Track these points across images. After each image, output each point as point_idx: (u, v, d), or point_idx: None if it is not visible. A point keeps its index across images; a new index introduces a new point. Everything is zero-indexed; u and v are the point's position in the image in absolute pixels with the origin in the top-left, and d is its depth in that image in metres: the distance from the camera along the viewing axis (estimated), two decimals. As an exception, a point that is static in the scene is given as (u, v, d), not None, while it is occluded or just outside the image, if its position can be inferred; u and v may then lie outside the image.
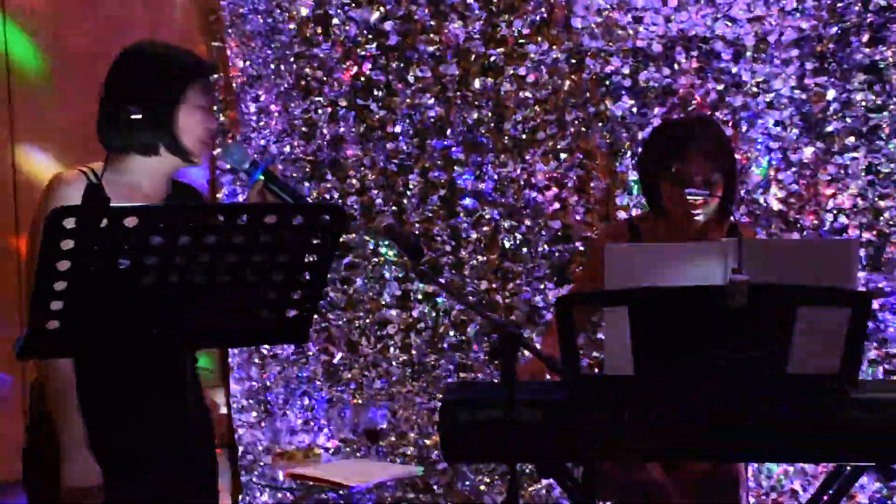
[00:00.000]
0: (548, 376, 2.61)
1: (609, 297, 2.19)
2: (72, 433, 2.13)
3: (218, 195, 3.94)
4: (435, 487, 3.94)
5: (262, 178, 2.15)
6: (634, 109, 3.87)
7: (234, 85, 3.97)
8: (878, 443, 2.14)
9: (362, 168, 4.00)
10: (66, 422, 2.13)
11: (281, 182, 2.15)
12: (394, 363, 4.00)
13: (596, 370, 3.76)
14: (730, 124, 3.80)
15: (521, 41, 3.93)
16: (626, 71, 3.86)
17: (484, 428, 2.16)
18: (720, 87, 3.83)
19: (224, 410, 3.96)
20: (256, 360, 3.99)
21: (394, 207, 4.00)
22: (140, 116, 2.20)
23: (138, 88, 2.21)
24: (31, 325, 1.75)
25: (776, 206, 3.79)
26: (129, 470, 2.18)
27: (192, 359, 2.26)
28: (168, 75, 2.23)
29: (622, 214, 3.83)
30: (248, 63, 3.97)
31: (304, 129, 4.01)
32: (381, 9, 3.94)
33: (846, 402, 2.12)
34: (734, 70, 3.81)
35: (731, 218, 2.72)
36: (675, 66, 3.83)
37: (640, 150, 3.34)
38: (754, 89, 3.81)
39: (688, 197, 2.62)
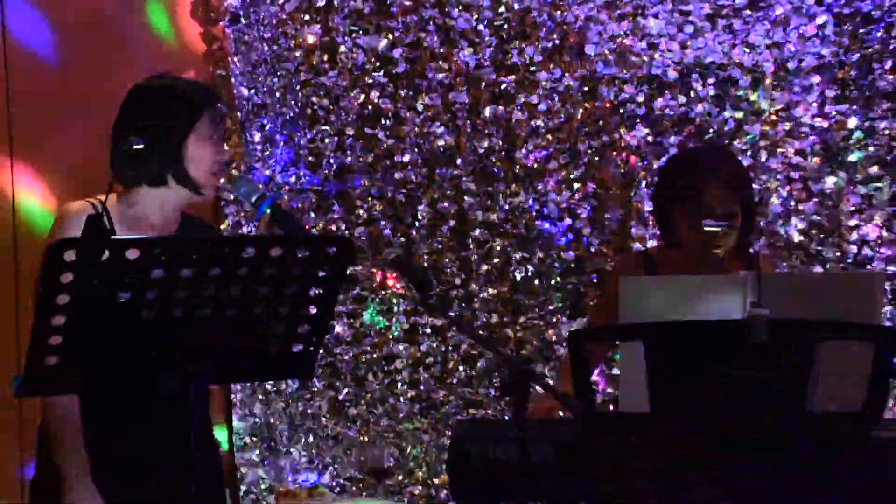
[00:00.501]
0: (561, 413, 2.60)
1: (624, 331, 2.19)
2: (74, 465, 2.14)
3: (221, 226, 3.96)
4: (444, 528, 3.92)
5: (268, 211, 2.16)
6: (650, 138, 3.88)
7: (238, 114, 3.99)
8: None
9: (370, 198, 4.01)
10: (68, 454, 2.15)
11: (287, 217, 2.16)
12: (401, 399, 3.98)
13: (611, 407, 3.74)
14: (748, 153, 3.81)
15: (532, 68, 3.95)
16: (640, 99, 3.88)
17: (495, 467, 2.15)
18: (738, 115, 3.84)
19: (226, 448, 3.95)
20: (260, 396, 3.98)
21: (402, 239, 4.01)
22: (146, 146, 2.23)
23: (148, 121, 2.25)
24: (29, 362, 1.76)
25: (797, 237, 3.79)
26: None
27: (202, 394, 2.27)
28: (177, 106, 2.26)
29: (637, 246, 3.83)
30: (252, 91, 3.99)
31: (310, 158, 4.03)
32: (390, 36, 3.96)
33: (869, 441, 2.10)
34: (753, 98, 3.83)
35: (750, 250, 2.72)
36: (692, 94, 3.84)
37: (655, 179, 3.35)
38: (773, 117, 3.82)
39: (705, 228, 2.62)
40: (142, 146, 2.23)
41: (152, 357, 1.81)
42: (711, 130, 3.83)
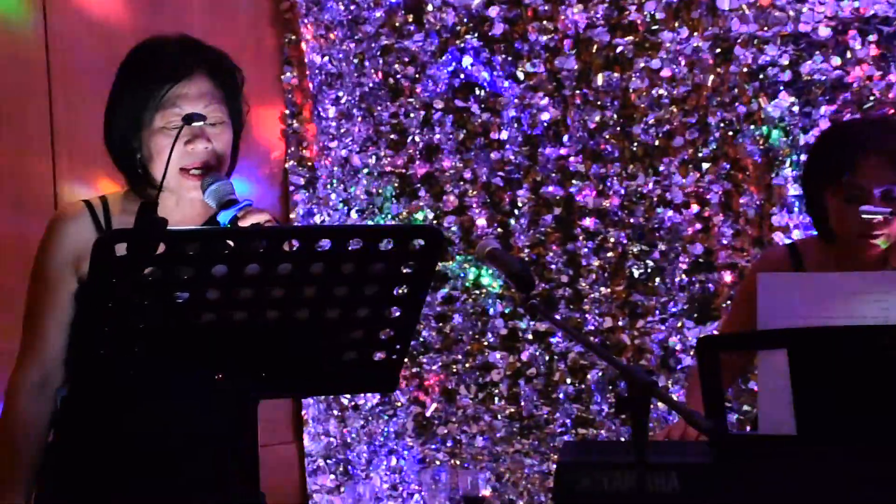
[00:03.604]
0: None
1: (764, 338, 2.17)
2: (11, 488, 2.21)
3: (291, 216, 4.02)
4: (549, 569, 3.92)
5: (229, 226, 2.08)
6: (796, 108, 3.82)
7: (310, 85, 4.04)
8: None
9: (461, 182, 4.03)
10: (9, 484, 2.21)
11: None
12: (498, 416, 4.00)
13: (748, 428, 3.69)
14: (916, 125, 3.73)
15: (653, 28, 3.92)
16: (784, 62, 3.82)
17: (609, 497, 2.15)
18: (906, 79, 3.76)
19: (296, 472, 4.01)
20: (336, 412, 4.04)
21: (499, 229, 4.02)
22: (108, 135, 2.23)
23: (113, 97, 2.24)
24: (76, 371, 1.80)
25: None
26: None
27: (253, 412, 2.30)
28: (136, 83, 2.21)
29: (780, 237, 3.78)
30: (326, 59, 4.04)
31: (392, 136, 4.06)
32: (484, -9, 3.98)
33: None
34: (924, 58, 3.74)
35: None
36: (848, 55, 3.77)
37: (803, 158, 3.29)
38: (950, 81, 3.73)
39: (863, 216, 2.58)
40: (109, 135, 2.25)
41: (212, 368, 1.84)
42: (872, 99, 3.76)
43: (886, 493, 2.09)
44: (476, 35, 4.00)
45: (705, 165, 3.90)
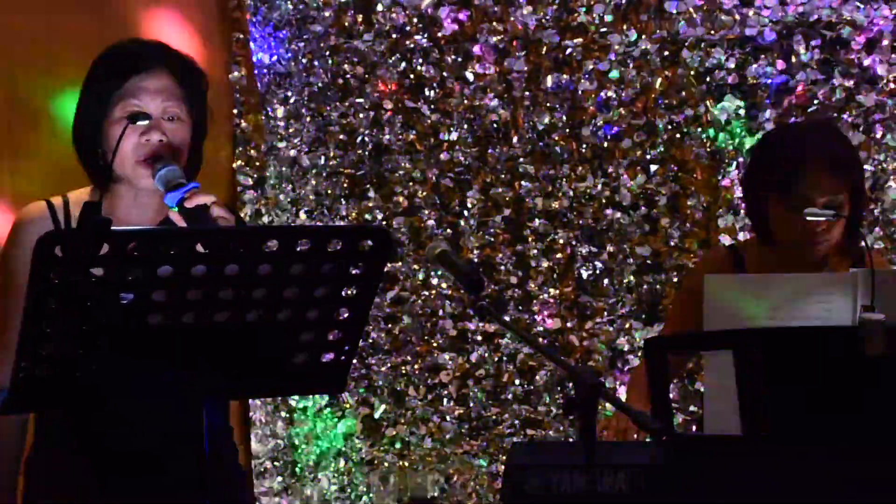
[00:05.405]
0: (635, 435, 2.59)
1: (710, 339, 2.18)
2: None
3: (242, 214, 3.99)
4: (497, 570, 3.93)
5: (175, 208, 2.11)
6: (742, 111, 3.85)
7: (258, 85, 4.02)
8: None
9: (411, 183, 4.03)
10: None
11: (195, 216, 2.08)
12: (447, 418, 3.99)
13: (693, 428, 3.72)
14: (860, 129, 3.77)
15: (602, 30, 3.93)
16: (731, 65, 3.85)
17: (558, 498, 2.15)
18: (849, 83, 3.79)
19: (244, 473, 3.98)
20: (283, 414, 4.01)
21: (448, 230, 4.01)
22: (74, 129, 2.27)
23: (82, 91, 2.28)
24: (16, 374, 1.78)
25: (918, 228, 3.75)
26: None
27: (222, 410, 2.29)
28: (96, 77, 2.27)
29: (726, 239, 3.81)
30: (275, 58, 4.02)
31: (341, 136, 4.05)
32: (434, -8, 3.98)
33: None
34: (867, 63, 3.78)
35: (861, 244, 2.69)
36: (793, 59, 3.80)
37: (747, 161, 3.32)
38: (892, 85, 3.77)
39: (807, 218, 2.59)
40: (76, 129, 2.28)
41: (159, 370, 1.83)
42: (816, 103, 3.80)
43: (828, 488, 2.11)
44: (426, 35, 4.00)
45: (653, 167, 3.93)
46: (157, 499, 2.23)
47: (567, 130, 3.96)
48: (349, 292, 1.88)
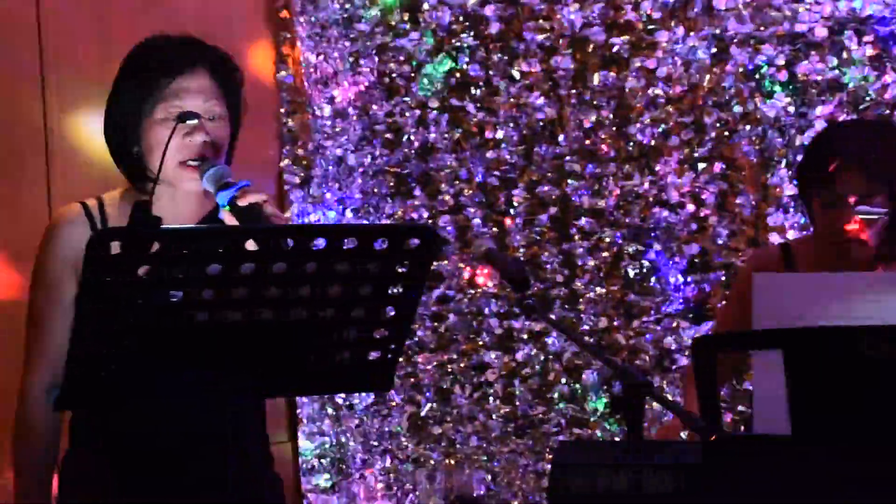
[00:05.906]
0: (684, 435, 2.58)
1: (759, 338, 2.17)
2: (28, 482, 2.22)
3: (286, 214, 4.01)
4: (543, 569, 3.92)
5: (227, 207, 2.12)
6: (792, 109, 3.82)
7: (304, 84, 4.04)
8: None
9: (457, 182, 4.03)
10: (29, 487, 2.22)
11: (247, 215, 2.10)
12: (493, 416, 4.00)
13: (742, 428, 3.70)
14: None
15: (650, 27, 3.92)
16: (780, 62, 3.82)
17: (604, 497, 2.15)
18: (902, 80, 3.76)
19: (290, 471, 4.01)
20: (330, 412, 4.03)
21: (494, 229, 4.02)
22: (108, 131, 2.28)
23: (115, 89, 2.29)
24: (69, 372, 1.80)
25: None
26: None
27: (259, 410, 2.30)
28: (133, 77, 2.26)
29: (775, 237, 3.78)
30: (321, 57, 4.04)
31: (387, 135, 4.06)
32: (480, -10, 3.98)
33: None
34: (920, 59, 3.74)
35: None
36: (844, 55, 3.77)
37: (798, 158, 3.29)
38: (946, 82, 3.73)
39: (858, 216, 2.57)
40: (108, 127, 2.29)
41: (206, 368, 1.84)
42: (868, 99, 3.76)
43: (877, 494, 2.09)
44: (472, 34, 4.00)
45: (701, 165, 3.91)
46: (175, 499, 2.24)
47: (614, 128, 3.95)
48: (395, 291, 1.88)
